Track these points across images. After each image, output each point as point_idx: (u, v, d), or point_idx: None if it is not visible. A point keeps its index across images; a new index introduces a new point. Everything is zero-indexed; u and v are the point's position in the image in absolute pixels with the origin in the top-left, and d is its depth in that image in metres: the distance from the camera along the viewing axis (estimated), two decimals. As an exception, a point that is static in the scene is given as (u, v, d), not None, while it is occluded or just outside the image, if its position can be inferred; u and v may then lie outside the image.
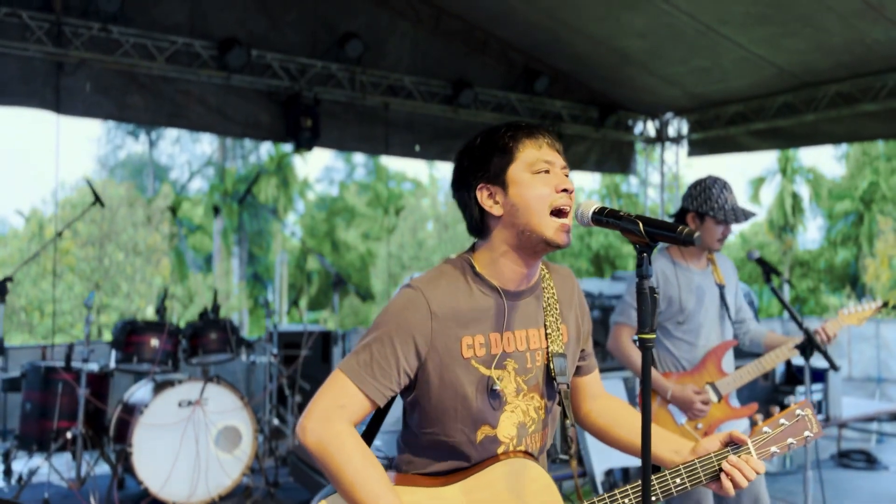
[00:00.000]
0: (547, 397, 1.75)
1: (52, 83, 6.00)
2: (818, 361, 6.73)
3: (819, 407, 6.09)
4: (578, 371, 1.90)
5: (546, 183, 1.64)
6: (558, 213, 1.63)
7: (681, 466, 1.70)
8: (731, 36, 6.68)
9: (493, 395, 1.66)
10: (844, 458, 6.48)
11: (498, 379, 1.67)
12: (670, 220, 3.24)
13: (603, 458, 4.64)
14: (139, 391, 4.62)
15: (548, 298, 1.77)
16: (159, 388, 4.39)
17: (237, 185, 32.12)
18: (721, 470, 1.69)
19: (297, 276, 33.96)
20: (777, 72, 7.29)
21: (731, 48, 6.88)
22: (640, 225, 1.43)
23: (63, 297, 18.60)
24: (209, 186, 34.44)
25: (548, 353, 1.73)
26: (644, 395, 1.39)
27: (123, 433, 4.38)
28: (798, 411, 1.77)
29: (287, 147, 7.16)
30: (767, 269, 3.15)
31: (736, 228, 3.55)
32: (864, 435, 7.63)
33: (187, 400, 4.36)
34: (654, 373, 3.15)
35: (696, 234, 1.37)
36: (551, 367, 1.72)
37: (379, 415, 1.78)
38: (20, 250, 19.54)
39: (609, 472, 4.93)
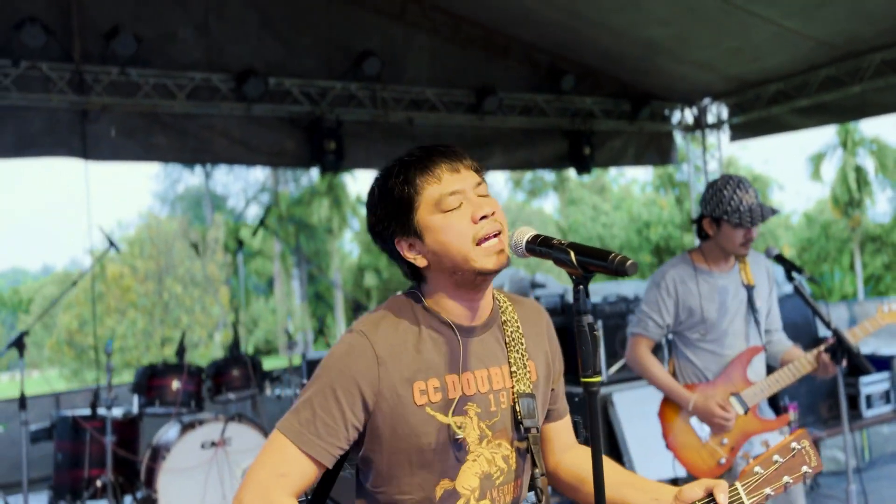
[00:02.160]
0: (517, 443, 1.57)
1: (78, 131, 6.10)
2: (884, 348, 6.32)
3: (887, 397, 5.70)
4: (549, 416, 1.71)
5: (461, 218, 1.48)
6: (483, 240, 1.48)
7: None
8: (759, 12, 6.35)
9: (456, 446, 1.50)
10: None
11: (459, 427, 1.50)
12: (693, 221, 3.05)
13: None
14: (167, 434, 4.63)
15: (511, 332, 1.60)
16: (184, 430, 4.37)
17: (291, 209, 32.67)
18: None
19: (357, 292, 34.27)
20: (815, 45, 6.91)
21: (762, 25, 6.55)
22: (572, 254, 1.27)
23: (128, 333, 19.14)
24: (264, 211, 35.09)
25: (514, 394, 1.56)
26: (593, 440, 1.22)
27: (151, 478, 4.38)
28: (794, 444, 1.56)
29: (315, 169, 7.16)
30: (788, 267, 2.90)
31: (777, 219, 3.29)
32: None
33: (210, 441, 4.34)
34: (673, 383, 2.95)
35: (630, 263, 1.20)
36: (517, 408, 1.55)
37: (328, 478, 1.64)
38: (85, 290, 20.21)
39: None
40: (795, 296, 6.69)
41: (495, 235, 1.48)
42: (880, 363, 5.69)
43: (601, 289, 7.47)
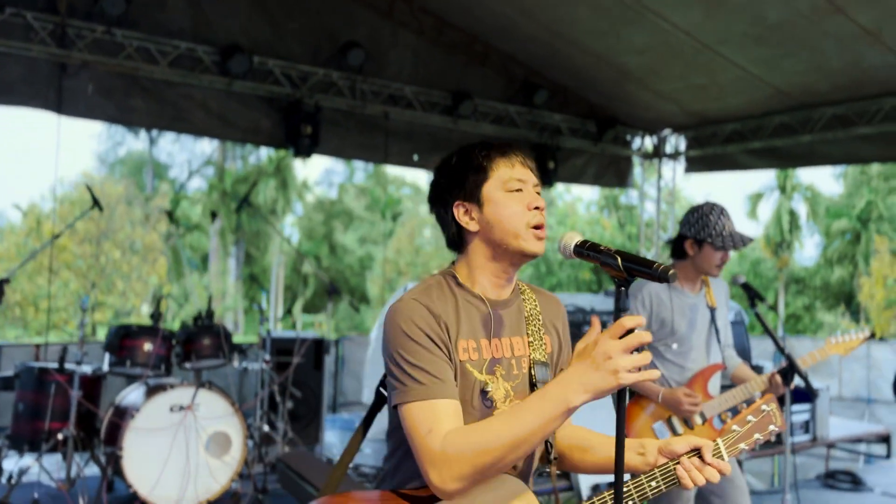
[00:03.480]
0: None
1: (55, 84, 6.03)
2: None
3: (806, 427, 6.13)
4: None
5: (519, 201, 1.72)
6: (532, 228, 1.71)
7: (656, 470, 1.71)
8: (728, 55, 6.74)
9: (485, 398, 1.70)
10: (830, 479, 6.51)
11: (488, 383, 1.71)
12: (670, 238, 3.31)
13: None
14: (131, 395, 4.66)
15: (530, 309, 1.83)
16: (151, 392, 4.42)
17: (236, 186, 32.16)
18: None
19: (293, 278, 33.98)
20: (774, 92, 7.36)
21: (729, 67, 6.94)
22: (619, 260, 1.48)
23: (59, 294, 18.61)
24: (208, 186, 34.49)
25: (530, 361, 1.78)
26: (618, 422, 1.43)
27: (114, 436, 4.41)
28: (763, 406, 1.85)
29: (288, 152, 7.21)
30: (752, 294, 3.20)
31: None
32: (852, 455, 7.67)
33: (179, 405, 4.40)
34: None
35: (672, 272, 1.41)
36: (533, 373, 1.77)
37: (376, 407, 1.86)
38: (17, 245, 19.55)
39: (596, 487, 4.97)
40: (736, 324, 7.08)
41: (539, 227, 1.72)
42: (804, 395, 6.12)
43: (594, 303, 7.76)
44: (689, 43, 6.62)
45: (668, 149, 9.25)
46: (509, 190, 1.73)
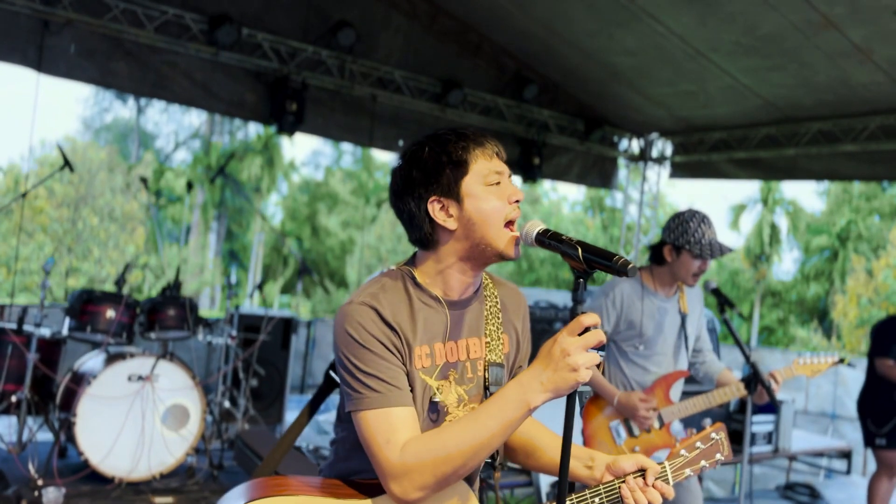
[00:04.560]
0: None
1: (36, 41, 5.90)
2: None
3: (769, 437, 6.17)
4: None
5: (500, 195, 1.64)
6: (510, 224, 1.64)
7: (601, 486, 1.68)
8: (719, 63, 6.73)
9: (433, 408, 1.65)
10: (789, 491, 6.57)
11: (438, 390, 1.65)
12: (650, 243, 3.29)
13: (550, 470, 4.66)
14: (90, 361, 4.58)
15: (490, 307, 1.76)
16: (111, 359, 4.35)
17: (221, 160, 31.85)
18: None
19: (273, 257, 33.78)
20: (762, 103, 7.37)
21: (719, 75, 6.94)
22: (580, 251, 1.44)
23: (32, 257, 18.35)
24: (193, 158, 34.18)
25: (485, 363, 1.72)
26: (567, 421, 1.40)
27: (69, 402, 4.34)
28: (713, 435, 1.83)
29: (272, 128, 7.13)
30: (722, 301, 3.18)
31: None
32: (813, 469, 7.74)
33: (137, 374, 4.33)
34: (604, 380, 3.18)
35: (631, 266, 1.38)
36: (486, 376, 1.71)
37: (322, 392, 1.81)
38: (-7, 205, 19.25)
39: (555, 484, 4.95)
40: (709, 332, 7.10)
41: (513, 222, 1.65)
42: (769, 406, 6.15)
43: (533, 294, 7.73)
44: (681, 48, 6.61)
45: (654, 153, 9.25)
46: (489, 184, 1.63)
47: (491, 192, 1.63)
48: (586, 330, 1.41)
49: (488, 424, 1.46)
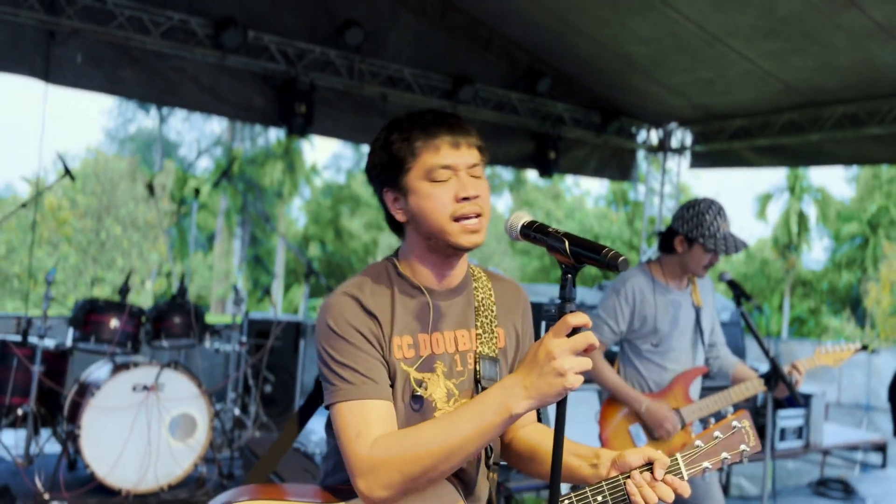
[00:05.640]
0: None
1: (42, 51, 5.89)
2: (803, 386, 6.61)
3: (800, 432, 5.97)
4: None
5: (445, 192, 1.53)
6: (460, 219, 1.53)
7: (603, 483, 1.54)
8: (737, 48, 6.54)
9: (415, 400, 1.55)
10: (822, 487, 6.35)
11: (422, 383, 1.56)
12: (660, 233, 3.15)
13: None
14: (96, 372, 4.53)
15: (481, 299, 1.67)
16: (116, 370, 4.29)
17: (244, 167, 32.09)
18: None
19: (297, 262, 33.95)
20: (783, 88, 7.15)
21: (738, 61, 6.74)
22: (566, 244, 1.32)
23: (58, 268, 18.55)
24: (215, 166, 34.46)
25: (476, 355, 1.62)
26: (558, 420, 1.28)
27: (76, 414, 4.29)
28: (734, 423, 1.62)
29: (281, 130, 7.09)
30: (738, 293, 3.03)
31: None
32: (848, 463, 7.51)
33: (142, 384, 4.26)
34: (627, 386, 3.05)
35: (622, 259, 1.25)
36: (478, 369, 1.61)
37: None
38: (17, 216, 19.53)
39: (574, 488, 4.82)
40: (732, 325, 6.89)
41: (475, 216, 1.54)
42: (791, 401, 5.96)
43: (548, 291, 7.59)
44: (697, 34, 6.42)
45: (674, 143, 9.05)
46: (433, 180, 1.53)
47: (435, 188, 1.53)
48: (575, 331, 1.29)
49: (464, 427, 1.37)
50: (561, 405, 1.33)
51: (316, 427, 7.18)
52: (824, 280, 30.19)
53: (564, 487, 4.44)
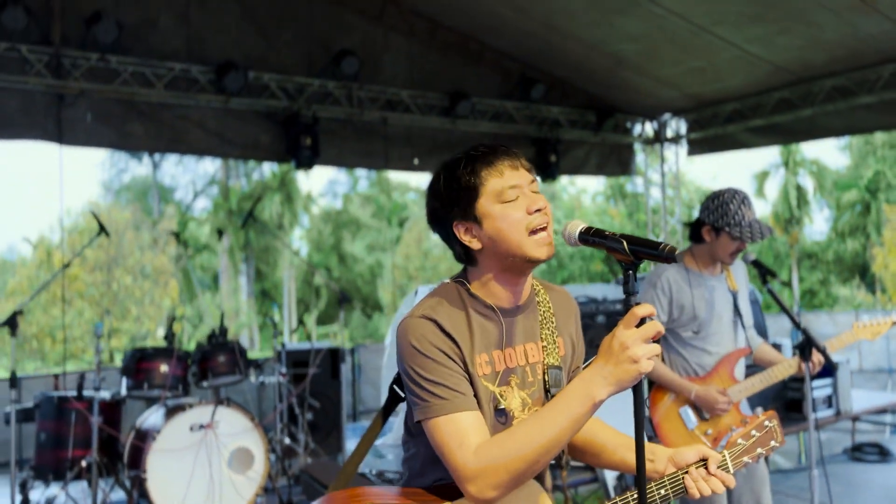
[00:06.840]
0: None
1: (54, 114, 6.07)
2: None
3: (829, 401, 6.08)
4: None
5: (517, 209, 1.67)
6: (535, 231, 1.67)
7: (665, 479, 1.75)
8: (724, 35, 6.70)
9: (499, 413, 1.70)
10: (857, 452, 6.46)
11: (502, 396, 1.71)
12: (689, 223, 3.29)
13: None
14: (151, 417, 4.67)
15: (543, 312, 1.81)
16: (171, 413, 4.43)
17: (241, 203, 32.24)
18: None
19: (305, 290, 34.04)
20: (772, 69, 7.31)
21: (726, 48, 6.90)
22: (625, 244, 1.47)
23: (73, 324, 18.71)
24: (213, 205, 34.62)
25: (544, 366, 1.77)
26: (637, 412, 1.42)
27: (137, 459, 4.42)
28: (766, 423, 1.91)
29: (290, 165, 7.24)
30: (764, 271, 3.16)
31: None
32: (878, 427, 7.61)
33: (199, 423, 4.41)
34: (674, 374, 3.17)
35: (677, 251, 1.40)
36: (546, 378, 1.76)
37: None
38: (29, 278, 19.70)
39: (621, 477, 4.94)
40: (752, 303, 7.03)
41: (543, 228, 1.68)
42: (825, 370, 6.07)
43: (571, 290, 7.70)
44: (684, 26, 6.59)
45: (669, 133, 9.21)
46: (504, 201, 1.67)
47: (508, 208, 1.67)
48: (642, 321, 1.44)
49: (558, 420, 1.51)
50: (637, 388, 1.47)
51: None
52: (829, 250, 30.29)
53: (611, 477, 4.54)
